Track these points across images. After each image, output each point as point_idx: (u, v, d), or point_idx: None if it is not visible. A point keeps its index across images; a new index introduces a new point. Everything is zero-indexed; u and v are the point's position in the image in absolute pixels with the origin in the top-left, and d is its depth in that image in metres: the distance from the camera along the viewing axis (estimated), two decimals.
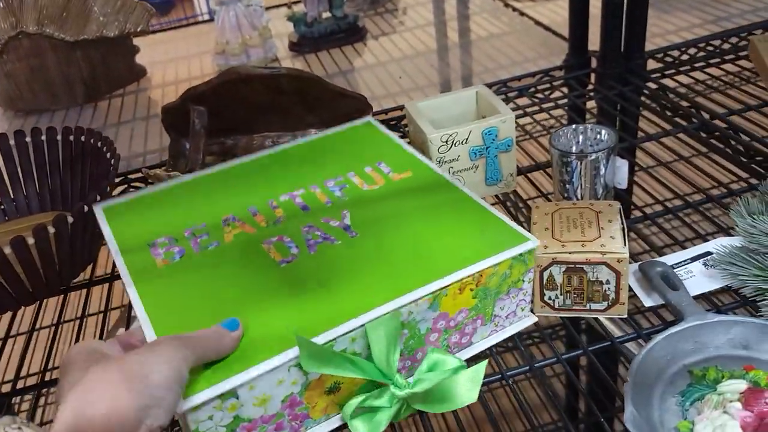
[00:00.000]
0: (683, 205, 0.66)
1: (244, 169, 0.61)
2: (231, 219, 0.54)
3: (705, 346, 0.49)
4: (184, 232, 0.53)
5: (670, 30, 1.07)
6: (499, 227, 0.51)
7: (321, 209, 0.54)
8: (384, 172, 0.58)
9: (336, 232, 0.52)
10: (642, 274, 0.56)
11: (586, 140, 0.67)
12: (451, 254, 0.48)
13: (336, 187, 0.57)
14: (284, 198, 0.56)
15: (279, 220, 0.53)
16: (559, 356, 0.51)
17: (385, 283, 0.46)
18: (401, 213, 0.53)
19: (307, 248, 0.50)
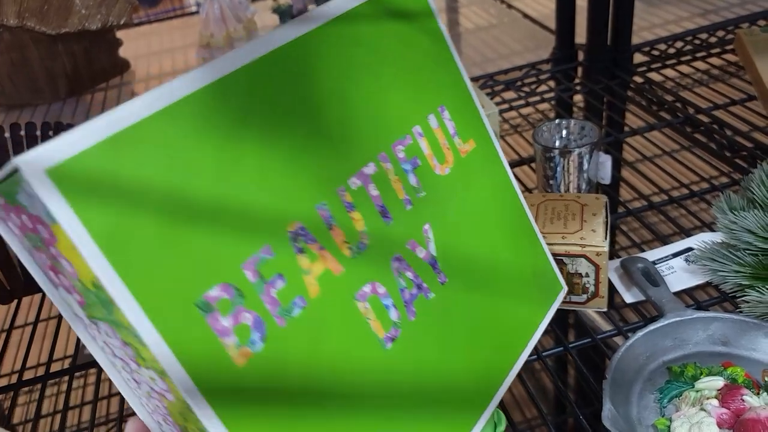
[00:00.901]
0: (666, 201, 0.66)
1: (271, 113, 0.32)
2: (302, 233, 0.32)
3: (684, 343, 0.48)
4: (244, 270, 0.29)
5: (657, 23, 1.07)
6: (543, 264, 0.46)
7: (401, 217, 0.37)
8: (449, 134, 0.41)
9: (425, 272, 0.38)
10: (624, 270, 0.56)
11: (569, 135, 0.66)
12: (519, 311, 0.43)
13: (408, 164, 0.38)
14: (355, 183, 0.35)
15: (363, 244, 0.35)
16: (540, 353, 0.51)
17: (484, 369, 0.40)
18: (473, 230, 0.42)
19: (405, 310, 0.36)
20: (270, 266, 0.30)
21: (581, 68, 0.95)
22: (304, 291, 0.31)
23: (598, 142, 0.63)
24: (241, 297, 0.29)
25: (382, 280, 0.35)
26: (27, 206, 0.26)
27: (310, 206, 0.32)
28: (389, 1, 0.39)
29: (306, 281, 0.31)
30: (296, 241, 0.31)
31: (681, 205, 0.65)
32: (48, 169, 0.24)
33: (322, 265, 0.32)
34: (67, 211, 0.24)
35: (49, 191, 0.24)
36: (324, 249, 0.33)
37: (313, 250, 0.32)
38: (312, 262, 0.32)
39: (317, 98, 0.34)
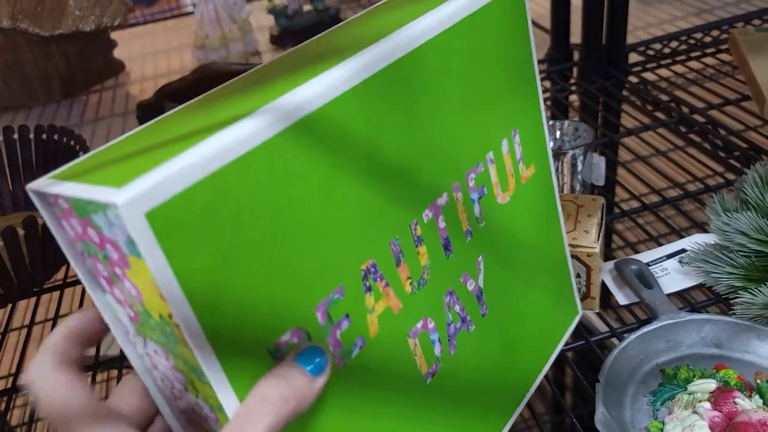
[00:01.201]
0: (660, 202, 0.66)
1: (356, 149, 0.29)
2: (372, 271, 0.30)
3: (678, 345, 0.48)
4: (316, 313, 0.28)
5: (652, 23, 1.07)
6: (568, 289, 0.46)
7: (461, 248, 0.35)
8: (516, 160, 0.39)
9: (470, 305, 0.37)
10: (617, 272, 0.56)
11: (563, 136, 0.66)
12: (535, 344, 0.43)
13: (475, 194, 0.36)
14: (427, 216, 0.33)
15: (423, 279, 0.33)
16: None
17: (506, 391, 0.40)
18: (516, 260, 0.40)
19: (448, 345, 0.35)
20: (339, 307, 0.29)
21: (576, 68, 0.95)
22: (365, 331, 0.30)
23: (592, 143, 0.63)
24: (309, 340, 0.28)
25: (434, 316, 0.34)
26: (101, 227, 0.24)
27: (385, 242, 0.30)
28: (488, 15, 0.35)
29: (368, 320, 0.30)
30: (366, 279, 0.30)
31: (675, 206, 0.65)
32: (148, 213, 0.22)
33: (384, 303, 0.31)
34: (157, 254, 0.22)
35: (143, 233, 0.22)
36: (389, 286, 0.31)
37: (380, 288, 0.31)
38: (376, 301, 0.31)
39: (404, 124, 0.31)
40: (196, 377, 0.26)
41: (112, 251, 0.24)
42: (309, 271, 0.27)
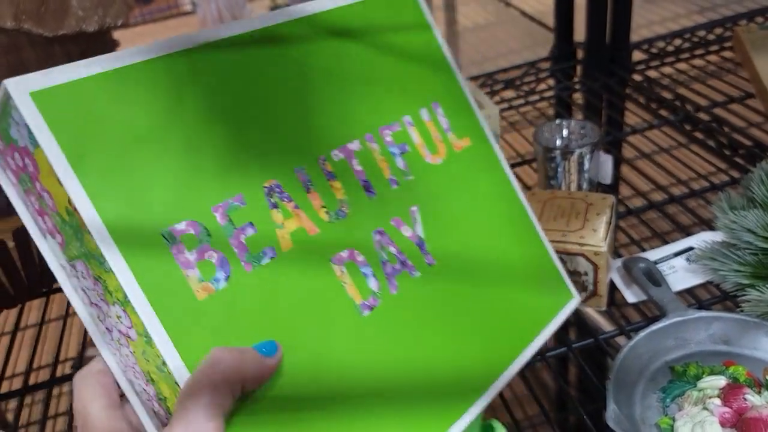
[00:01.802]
0: (667, 199, 0.66)
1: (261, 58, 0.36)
2: (277, 190, 0.34)
3: (686, 342, 0.49)
4: (213, 212, 0.32)
5: (655, 21, 1.07)
6: (549, 270, 0.46)
7: (386, 194, 0.39)
8: (443, 129, 0.43)
9: (411, 251, 0.39)
10: (625, 270, 0.56)
11: (570, 135, 0.67)
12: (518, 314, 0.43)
13: (396, 148, 0.41)
14: (337, 155, 0.37)
15: (342, 212, 0.37)
16: (543, 353, 0.52)
17: (473, 362, 0.39)
18: (466, 221, 0.43)
19: (386, 281, 0.37)
20: (241, 214, 0.32)
21: (580, 66, 0.95)
22: (275, 243, 0.33)
23: (599, 142, 0.63)
24: (208, 236, 0.31)
25: (362, 249, 0.37)
26: (17, 140, 0.28)
27: (289, 168, 0.35)
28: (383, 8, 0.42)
29: (278, 234, 0.33)
30: (270, 196, 0.34)
31: (681, 204, 0.66)
32: (33, 92, 0.27)
33: (296, 223, 0.34)
34: (45, 132, 0.27)
35: (31, 112, 0.27)
36: (299, 209, 0.35)
37: (288, 208, 0.34)
38: (286, 218, 0.34)
39: (304, 76, 0.37)
40: (104, 269, 0.29)
41: (29, 163, 0.29)
42: (203, 174, 0.31)
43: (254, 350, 0.29)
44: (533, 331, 0.43)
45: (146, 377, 0.31)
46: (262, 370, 0.29)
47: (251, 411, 0.29)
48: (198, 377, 0.27)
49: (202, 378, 0.27)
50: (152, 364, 0.30)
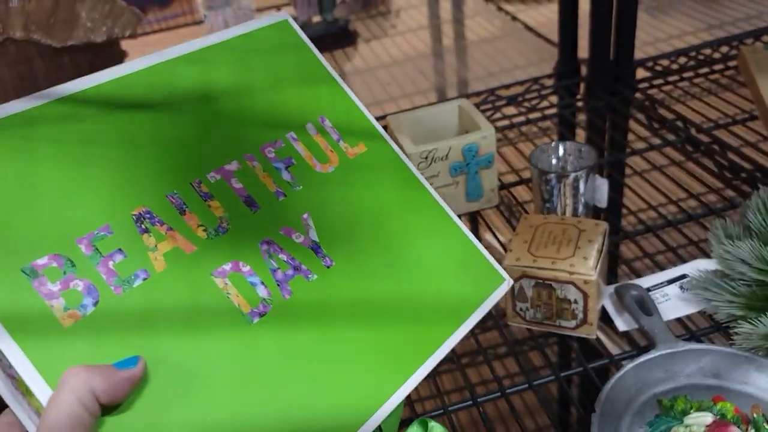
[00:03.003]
0: (664, 223, 0.65)
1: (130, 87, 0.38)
2: (147, 216, 0.35)
3: (676, 375, 0.48)
4: (78, 244, 0.33)
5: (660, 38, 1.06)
6: (473, 257, 0.45)
7: (272, 207, 0.40)
8: (334, 140, 0.45)
9: (305, 256, 0.39)
10: (617, 297, 0.56)
11: (566, 157, 0.66)
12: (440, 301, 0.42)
13: (280, 163, 0.42)
14: (214, 177, 0.38)
15: (221, 227, 0.37)
16: (531, 383, 0.51)
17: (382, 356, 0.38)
18: (370, 221, 0.43)
19: (277, 288, 0.37)
20: (108, 242, 0.33)
21: (583, 83, 0.94)
22: (148, 265, 0.34)
23: (595, 165, 0.63)
24: (73, 266, 0.32)
25: (247, 260, 0.37)
26: None
27: (160, 194, 0.36)
28: (261, 36, 0.45)
29: (151, 257, 0.34)
30: (140, 223, 0.35)
31: (678, 229, 0.65)
32: None
33: (170, 244, 0.35)
34: None
35: None
36: (173, 230, 0.36)
37: (161, 231, 0.35)
38: (159, 241, 0.35)
39: (176, 109, 0.39)
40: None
41: None
42: (66, 208, 0.33)
43: (110, 365, 0.30)
44: (461, 316, 0.42)
45: (39, 414, 0.31)
46: (114, 383, 0.29)
47: (120, 423, 0.30)
48: (49, 401, 0.28)
49: (51, 401, 0.28)
50: (35, 399, 0.30)
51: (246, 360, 0.34)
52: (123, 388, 0.29)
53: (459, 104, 0.72)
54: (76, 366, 0.29)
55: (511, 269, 0.53)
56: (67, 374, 0.28)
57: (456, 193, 0.69)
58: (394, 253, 0.42)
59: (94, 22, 1.07)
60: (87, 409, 0.28)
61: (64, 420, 0.27)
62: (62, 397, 0.28)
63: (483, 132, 0.66)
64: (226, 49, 0.43)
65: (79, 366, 0.29)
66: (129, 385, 0.30)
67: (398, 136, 0.68)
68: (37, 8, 1.03)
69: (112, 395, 0.29)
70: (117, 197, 0.35)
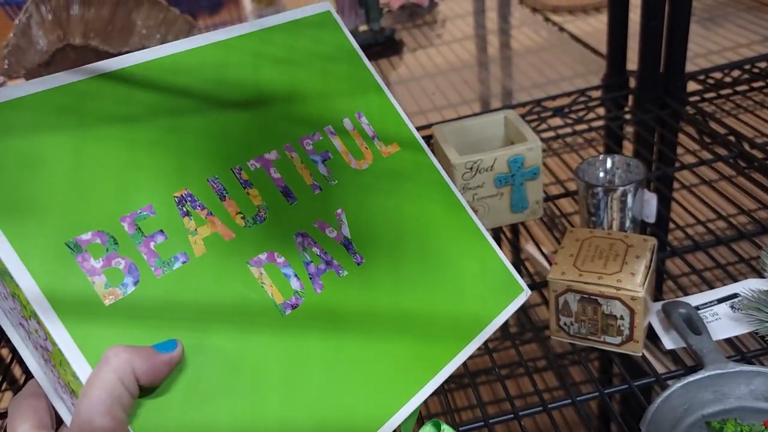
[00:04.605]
0: (714, 241, 0.64)
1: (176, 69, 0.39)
2: (188, 199, 0.36)
3: (725, 396, 0.47)
4: (121, 222, 0.33)
5: (713, 50, 1.04)
6: (495, 265, 0.45)
7: (308, 200, 0.40)
8: (368, 136, 0.45)
9: (337, 251, 0.40)
10: (665, 315, 0.55)
11: (614, 171, 0.65)
12: (460, 307, 0.42)
13: (317, 156, 0.42)
14: (254, 165, 0.39)
15: (259, 216, 0.38)
16: (574, 398, 0.51)
17: (412, 355, 0.39)
18: (397, 222, 0.43)
19: (309, 281, 0.38)
20: (150, 222, 0.34)
21: (632, 96, 0.93)
22: (188, 248, 0.34)
23: (644, 179, 0.62)
24: (115, 244, 0.32)
25: (282, 251, 0.37)
26: None
27: (201, 178, 0.37)
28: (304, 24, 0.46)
29: (191, 240, 0.35)
30: (182, 205, 0.35)
31: (729, 247, 0.63)
32: None
33: (209, 229, 0.36)
34: None
35: None
36: (213, 215, 0.36)
37: (201, 215, 0.36)
38: (198, 225, 0.35)
39: (220, 95, 0.40)
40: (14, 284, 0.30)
41: None
42: (110, 187, 0.33)
43: (149, 347, 0.30)
44: (478, 325, 0.42)
45: (69, 389, 0.31)
46: (155, 365, 0.29)
47: (157, 405, 0.30)
48: (90, 378, 0.28)
49: (92, 378, 0.28)
50: (69, 373, 0.30)
51: (276, 352, 0.35)
52: (162, 370, 0.30)
53: (505, 115, 0.72)
54: (117, 345, 0.29)
55: (556, 283, 0.53)
56: (108, 352, 0.29)
57: (500, 204, 0.68)
58: (420, 253, 0.43)
59: (149, 30, 1.11)
60: (127, 388, 0.28)
61: (105, 398, 0.27)
62: (104, 375, 0.28)
63: (529, 144, 0.66)
64: (271, 36, 0.44)
65: (120, 345, 0.29)
66: (168, 367, 0.30)
67: (443, 146, 0.68)
68: (96, 16, 1.07)
69: (152, 377, 0.29)
70: (160, 178, 0.35)
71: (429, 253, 0.43)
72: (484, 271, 0.45)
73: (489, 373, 1.03)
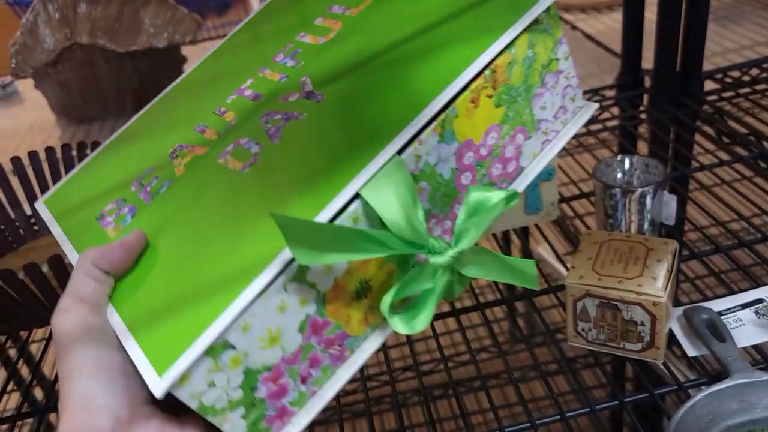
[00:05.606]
0: (735, 244, 0.62)
1: (183, 87, 0.49)
2: (179, 149, 0.42)
3: (752, 407, 0.45)
4: (131, 187, 0.42)
5: (731, 48, 1.02)
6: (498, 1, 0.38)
7: (276, 90, 0.41)
8: (338, 13, 0.44)
9: (298, 105, 0.39)
10: (686, 320, 0.53)
11: (632, 172, 0.64)
12: (445, 60, 0.36)
13: (287, 58, 0.43)
14: (232, 98, 0.43)
15: (231, 125, 0.41)
16: (592, 406, 0.49)
17: (376, 131, 0.34)
18: (369, 45, 0.40)
19: (269, 139, 0.38)
20: (149, 176, 0.42)
21: (647, 95, 0.91)
22: (171, 175, 0.41)
23: (663, 180, 0.60)
24: (125, 201, 0.41)
25: (247, 134, 0.40)
26: None
27: (190, 130, 0.43)
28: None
29: (175, 169, 0.41)
30: (173, 155, 0.42)
31: (751, 249, 0.61)
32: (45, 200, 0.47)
33: (190, 155, 0.41)
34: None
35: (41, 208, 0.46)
36: (194, 147, 0.42)
37: (185, 152, 0.42)
38: (182, 159, 0.41)
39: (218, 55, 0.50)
40: None
41: None
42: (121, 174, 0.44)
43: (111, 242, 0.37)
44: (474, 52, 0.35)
45: None
46: (107, 250, 0.35)
47: (128, 282, 0.35)
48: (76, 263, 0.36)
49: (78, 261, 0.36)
50: None
51: (240, 205, 0.35)
52: (119, 255, 0.35)
53: None
54: (86, 249, 0.36)
55: (574, 287, 0.51)
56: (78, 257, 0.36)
57: (514, 205, 0.67)
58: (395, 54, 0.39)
59: (156, 29, 1.10)
60: (91, 276, 0.34)
61: (75, 285, 0.34)
62: (73, 272, 0.35)
63: None
64: None
65: (87, 249, 0.36)
66: (123, 250, 0.35)
67: None
68: (103, 15, 1.06)
69: (110, 263, 0.35)
70: (160, 146, 0.44)
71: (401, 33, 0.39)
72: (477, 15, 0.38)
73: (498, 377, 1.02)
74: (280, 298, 0.31)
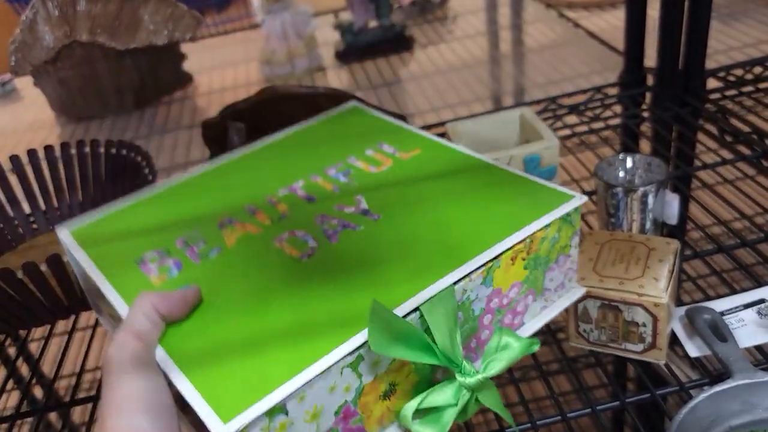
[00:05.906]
0: (738, 244, 0.62)
1: (228, 168, 0.53)
2: (227, 222, 0.46)
3: (754, 407, 0.45)
4: (175, 243, 0.44)
5: (734, 46, 1.01)
6: (538, 189, 0.45)
7: (329, 197, 0.47)
8: (389, 153, 0.52)
9: (355, 218, 0.45)
10: (688, 320, 0.53)
11: (634, 170, 0.63)
12: (497, 222, 0.42)
13: (339, 174, 0.49)
14: (284, 192, 0.48)
15: (284, 215, 0.46)
16: (593, 406, 0.49)
17: (433, 259, 0.40)
18: (423, 190, 0.47)
19: (326, 238, 0.43)
20: (195, 238, 0.45)
21: (650, 94, 0.91)
22: (221, 244, 0.44)
23: (666, 179, 0.60)
24: (168, 253, 0.43)
25: (303, 227, 0.44)
26: None
27: (240, 207, 0.47)
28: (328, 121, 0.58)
29: (226, 240, 0.44)
30: (221, 225, 0.45)
31: (754, 249, 0.61)
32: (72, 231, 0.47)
33: (241, 231, 0.45)
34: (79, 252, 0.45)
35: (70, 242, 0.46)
36: (246, 224, 0.45)
37: (235, 227, 0.45)
38: (232, 232, 0.45)
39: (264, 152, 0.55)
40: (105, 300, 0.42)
41: None
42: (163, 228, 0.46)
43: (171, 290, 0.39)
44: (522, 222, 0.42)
45: None
46: (169, 299, 0.37)
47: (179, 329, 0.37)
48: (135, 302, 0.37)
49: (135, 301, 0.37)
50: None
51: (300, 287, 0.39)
52: (178, 303, 0.38)
53: (521, 112, 0.70)
54: (144, 291, 0.38)
55: None
56: (137, 296, 0.37)
57: None
58: (450, 205, 0.45)
59: (156, 26, 1.09)
60: (148, 317, 0.36)
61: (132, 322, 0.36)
62: (132, 310, 0.37)
63: (546, 143, 0.64)
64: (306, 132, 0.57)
65: (146, 291, 0.38)
66: (182, 301, 0.38)
67: (457, 144, 0.66)
68: (103, 12, 1.06)
69: (169, 308, 0.37)
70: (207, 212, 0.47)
71: (455, 194, 0.46)
72: (523, 194, 0.45)
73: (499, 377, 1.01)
74: (334, 379, 0.34)
